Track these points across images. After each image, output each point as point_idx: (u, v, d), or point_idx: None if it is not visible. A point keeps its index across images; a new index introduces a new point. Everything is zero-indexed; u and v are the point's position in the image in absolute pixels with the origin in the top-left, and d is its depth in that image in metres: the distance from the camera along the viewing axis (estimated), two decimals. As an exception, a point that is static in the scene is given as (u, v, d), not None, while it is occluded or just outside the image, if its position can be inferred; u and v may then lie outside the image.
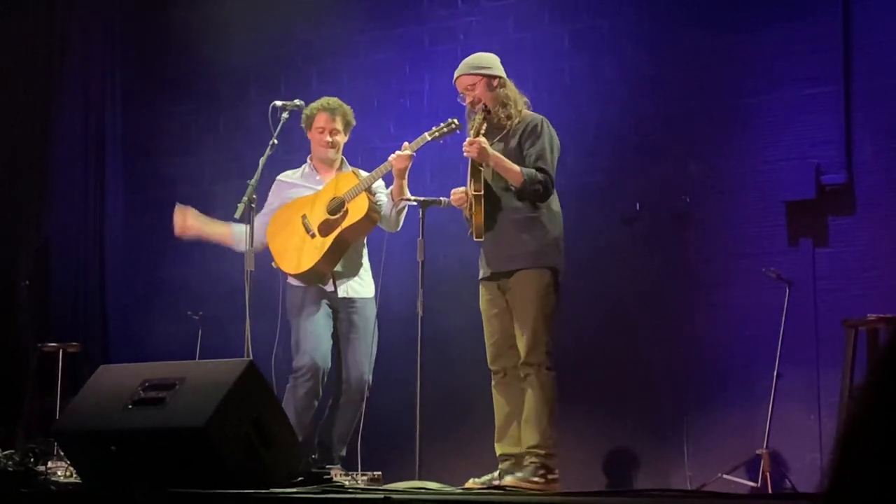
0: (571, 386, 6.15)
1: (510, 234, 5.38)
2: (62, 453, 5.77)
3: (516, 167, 5.31)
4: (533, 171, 5.32)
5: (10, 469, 5.69)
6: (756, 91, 6.38)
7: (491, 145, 5.37)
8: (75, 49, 8.46)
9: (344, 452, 6.08)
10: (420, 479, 5.24)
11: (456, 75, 5.57)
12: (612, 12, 6.81)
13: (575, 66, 6.78)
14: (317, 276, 6.01)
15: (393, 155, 5.84)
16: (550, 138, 5.43)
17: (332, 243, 5.96)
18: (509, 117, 5.45)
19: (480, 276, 5.56)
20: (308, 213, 6.06)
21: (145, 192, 8.33)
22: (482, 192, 5.31)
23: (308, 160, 6.29)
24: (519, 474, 5.28)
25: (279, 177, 6.31)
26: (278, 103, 6.08)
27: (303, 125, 6.20)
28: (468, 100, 5.53)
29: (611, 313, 6.56)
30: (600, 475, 5.67)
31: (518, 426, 5.40)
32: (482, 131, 5.37)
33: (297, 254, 6.01)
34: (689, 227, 6.46)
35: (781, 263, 6.09)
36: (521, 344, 5.33)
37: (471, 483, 5.38)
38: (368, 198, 5.96)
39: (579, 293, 6.20)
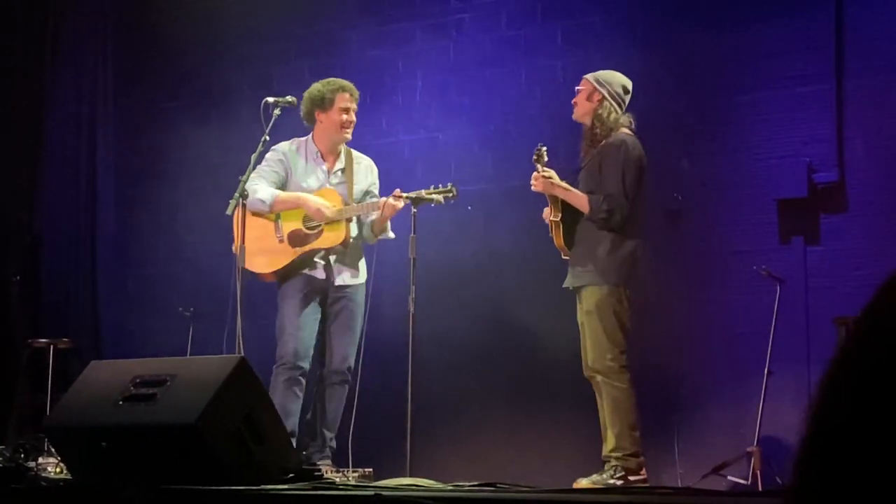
0: (562, 383, 6.16)
1: (581, 251, 5.58)
2: (53, 449, 5.76)
3: (584, 199, 5.51)
4: (599, 199, 5.48)
5: (1, 465, 5.67)
6: (749, 89, 6.38)
7: (584, 161, 5.63)
8: (68, 44, 8.44)
9: (334, 444, 6.05)
10: (411, 476, 5.24)
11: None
12: (604, 9, 6.81)
13: (567, 63, 6.78)
14: (277, 276, 6.05)
15: (386, 200, 5.83)
16: (625, 162, 5.52)
17: (297, 257, 5.99)
18: (596, 136, 5.61)
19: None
20: (283, 215, 6.03)
21: (137, 187, 8.32)
22: (560, 218, 5.56)
23: (310, 142, 6.16)
24: (596, 477, 5.44)
25: (283, 147, 6.13)
26: (270, 99, 6.05)
27: (312, 108, 6.07)
28: (574, 99, 5.76)
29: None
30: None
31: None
32: (541, 168, 5.55)
33: (258, 251, 5.96)
34: (681, 224, 6.46)
35: (773, 261, 6.09)
36: (587, 354, 5.55)
37: (583, 482, 5.44)
38: (347, 230, 5.95)
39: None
